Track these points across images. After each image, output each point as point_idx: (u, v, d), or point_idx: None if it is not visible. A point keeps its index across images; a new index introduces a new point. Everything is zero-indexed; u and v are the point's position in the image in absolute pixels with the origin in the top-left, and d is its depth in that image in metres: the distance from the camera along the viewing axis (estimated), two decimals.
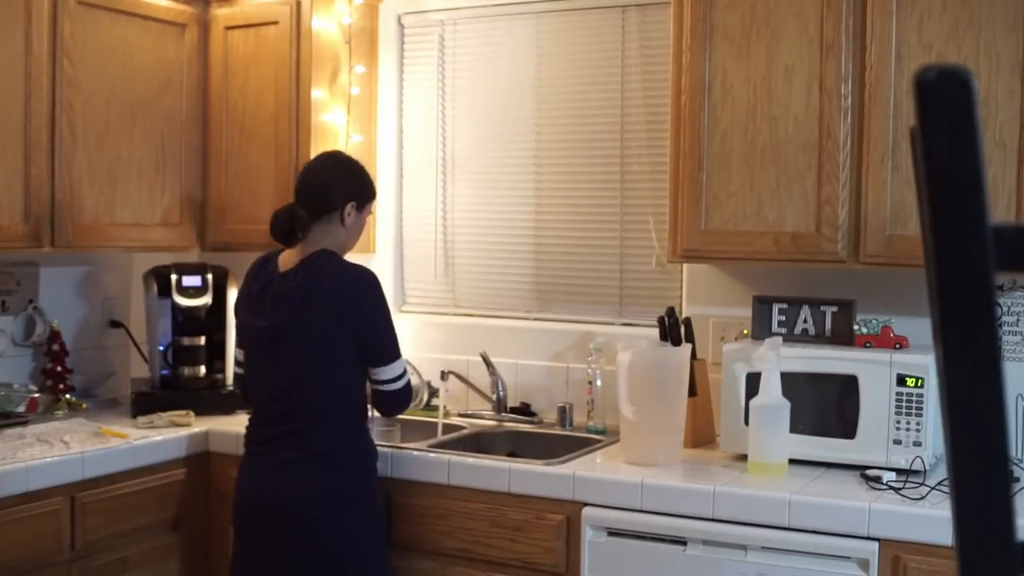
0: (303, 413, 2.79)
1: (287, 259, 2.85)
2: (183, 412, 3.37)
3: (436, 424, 3.44)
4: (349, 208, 2.84)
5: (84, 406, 3.52)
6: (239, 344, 2.99)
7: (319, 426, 2.79)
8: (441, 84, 3.85)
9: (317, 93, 3.60)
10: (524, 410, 3.54)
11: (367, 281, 2.80)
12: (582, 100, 3.61)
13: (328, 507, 2.77)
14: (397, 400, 2.90)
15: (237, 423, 3.40)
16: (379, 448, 3.01)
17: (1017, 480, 2.48)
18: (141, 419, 3.33)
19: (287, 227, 2.86)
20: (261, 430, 2.86)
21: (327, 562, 2.77)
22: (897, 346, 2.82)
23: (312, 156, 3.54)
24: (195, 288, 3.58)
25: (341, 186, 2.85)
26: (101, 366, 3.81)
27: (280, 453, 2.79)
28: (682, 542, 2.66)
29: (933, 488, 2.59)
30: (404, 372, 2.89)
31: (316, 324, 2.76)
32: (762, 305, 3.03)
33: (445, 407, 3.50)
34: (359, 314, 2.77)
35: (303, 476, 2.77)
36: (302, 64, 3.58)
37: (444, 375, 3.53)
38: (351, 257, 2.92)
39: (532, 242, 3.71)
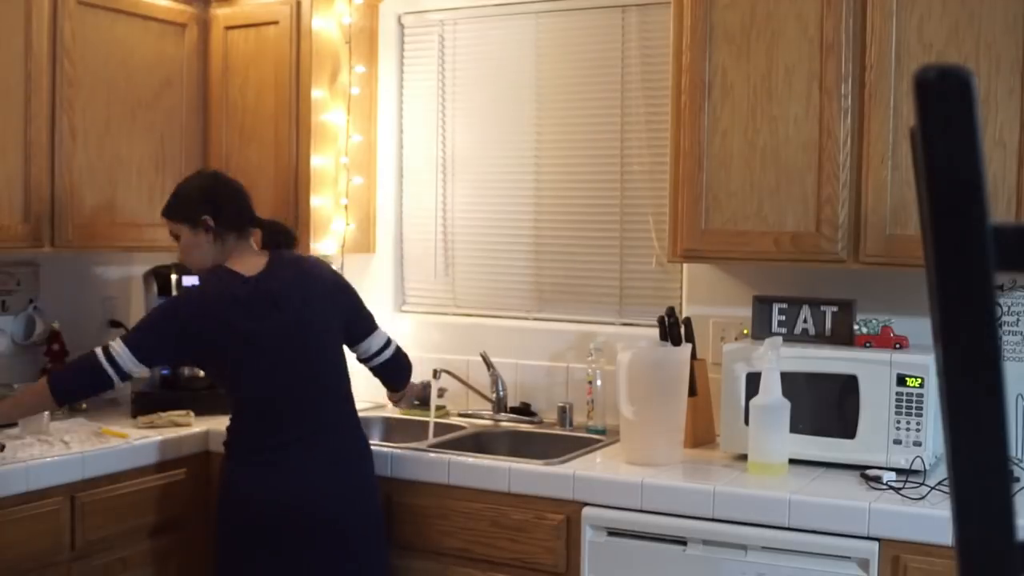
0: (328, 407, 2.86)
1: (244, 266, 2.86)
2: (183, 412, 3.37)
3: (432, 423, 3.39)
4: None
5: (84, 406, 3.52)
6: (225, 354, 2.81)
7: (341, 421, 2.88)
8: (441, 84, 3.85)
9: (317, 93, 3.60)
10: (524, 410, 3.53)
11: (329, 266, 3.08)
12: (582, 100, 3.61)
13: (361, 500, 2.88)
14: (405, 360, 3.15)
15: None
16: (379, 448, 3.05)
17: (1017, 480, 2.48)
18: (141, 419, 3.33)
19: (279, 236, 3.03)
20: (273, 435, 2.80)
21: (358, 555, 2.84)
22: (897, 346, 2.82)
23: (312, 156, 3.57)
24: None
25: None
26: None
27: (307, 453, 2.80)
28: (682, 542, 2.66)
29: (933, 488, 2.59)
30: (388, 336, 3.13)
31: (323, 313, 2.89)
32: (762, 305, 3.03)
33: (437, 406, 3.46)
34: (345, 295, 2.99)
35: (345, 472, 2.84)
36: (302, 64, 3.58)
37: (436, 373, 3.46)
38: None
39: (532, 242, 3.71)
